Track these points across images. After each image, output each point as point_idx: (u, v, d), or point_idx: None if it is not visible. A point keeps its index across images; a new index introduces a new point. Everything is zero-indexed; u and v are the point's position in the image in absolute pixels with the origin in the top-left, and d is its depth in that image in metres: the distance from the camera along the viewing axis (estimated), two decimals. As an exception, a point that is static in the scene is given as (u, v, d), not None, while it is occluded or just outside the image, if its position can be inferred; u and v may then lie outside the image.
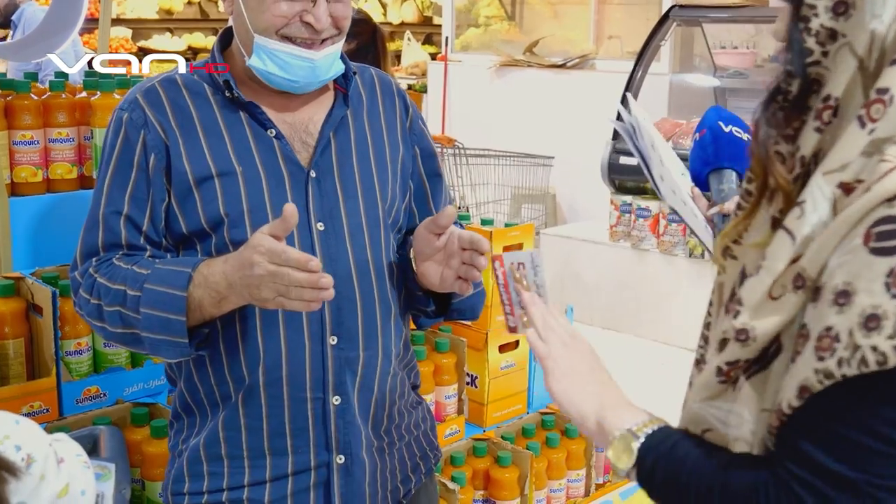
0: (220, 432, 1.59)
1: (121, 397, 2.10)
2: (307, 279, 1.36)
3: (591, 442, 2.58)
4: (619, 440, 1.11)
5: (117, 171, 1.57)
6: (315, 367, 1.57)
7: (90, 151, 2.37)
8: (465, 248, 1.55)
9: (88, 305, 1.55)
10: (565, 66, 6.99)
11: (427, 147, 1.80)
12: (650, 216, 5.40)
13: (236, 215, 1.54)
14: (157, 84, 1.60)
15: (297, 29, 1.53)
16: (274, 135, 1.59)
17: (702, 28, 6.03)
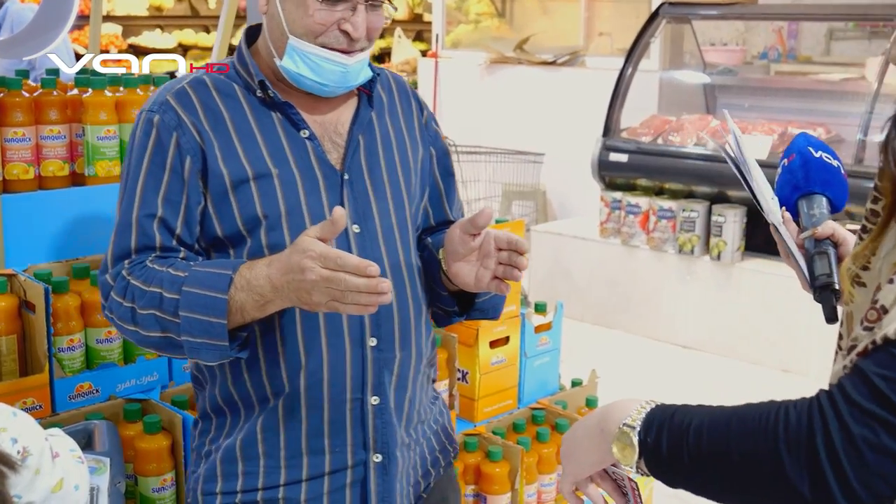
0: (257, 433, 1.60)
1: (113, 393, 2.10)
2: (366, 284, 1.35)
3: (581, 437, 2.60)
4: (619, 437, 1.10)
5: (149, 174, 1.55)
6: (355, 369, 1.58)
7: (82, 149, 2.37)
8: (501, 248, 1.56)
9: (121, 309, 1.52)
10: (555, 62, 7.01)
11: (441, 146, 1.82)
12: (640, 213, 5.42)
13: (274, 218, 1.54)
14: (187, 86, 1.59)
15: (334, 37, 1.54)
16: (307, 136, 1.60)
17: (691, 25, 6.06)
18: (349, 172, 1.61)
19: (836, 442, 0.93)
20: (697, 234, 5.23)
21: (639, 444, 1.07)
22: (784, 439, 0.96)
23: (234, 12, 2.65)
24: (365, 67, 1.62)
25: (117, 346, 2.12)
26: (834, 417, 0.94)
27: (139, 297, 1.49)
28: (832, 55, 7.21)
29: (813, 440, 0.94)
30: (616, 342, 5.44)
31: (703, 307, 5.25)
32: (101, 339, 2.09)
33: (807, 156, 1.59)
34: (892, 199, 1.05)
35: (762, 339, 5.01)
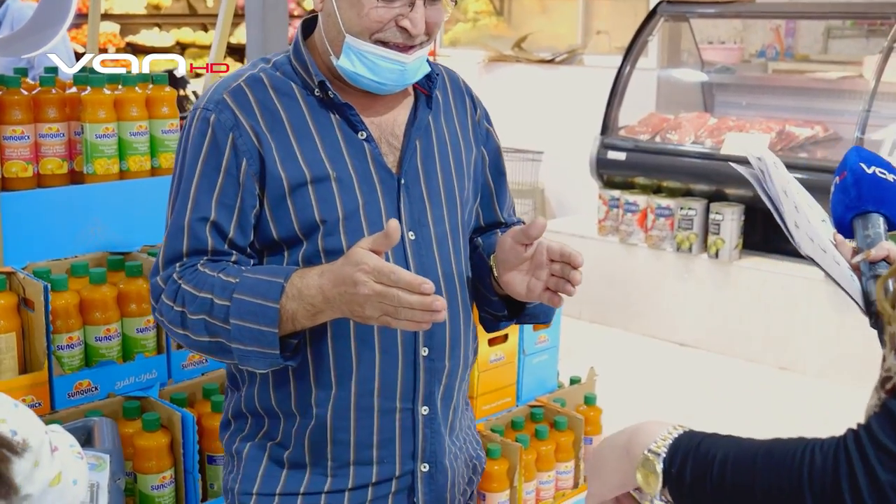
0: (304, 445, 1.57)
1: (112, 391, 2.10)
2: (420, 302, 1.32)
3: (579, 435, 2.60)
4: (643, 465, 1.07)
5: (203, 176, 1.50)
6: (406, 379, 1.56)
7: (80, 146, 2.37)
8: (554, 259, 1.52)
9: (171, 312, 1.48)
10: (554, 61, 7.01)
11: (493, 145, 1.77)
12: (638, 211, 5.43)
13: (332, 223, 1.51)
14: (244, 84, 1.54)
15: (391, 33, 1.49)
16: (364, 137, 1.55)
17: (689, 23, 6.06)
18: (405, 176, 1.57)
19: (862, 488, 0.90)
20: (695, 232, 5.23)
21: (662, 473, 1.05)
22: (809, 482, 0.93)
23: (232, 11, 2.65)
24: (423, 64, 1.57)
25: (116, 344, 2.12)
26: (860, 462, 0.90)
27: (190, 302, 1.46)
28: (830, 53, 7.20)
29: (838, 485, 0.91)
30: (614, 340, 5.44)
31: (701, 305, 5.25)
32: (100, 337, 2.09)
33: (859, 173, 1.51)
34: None
35: (760, 337, 5.02)
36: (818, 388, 4.67)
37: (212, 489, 2.11)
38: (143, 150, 2.44)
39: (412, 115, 1.61)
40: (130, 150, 2.41)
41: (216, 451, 2.09)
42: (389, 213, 1.53)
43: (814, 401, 4.51)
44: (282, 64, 1.58)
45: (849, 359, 4.60)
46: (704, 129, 5.42)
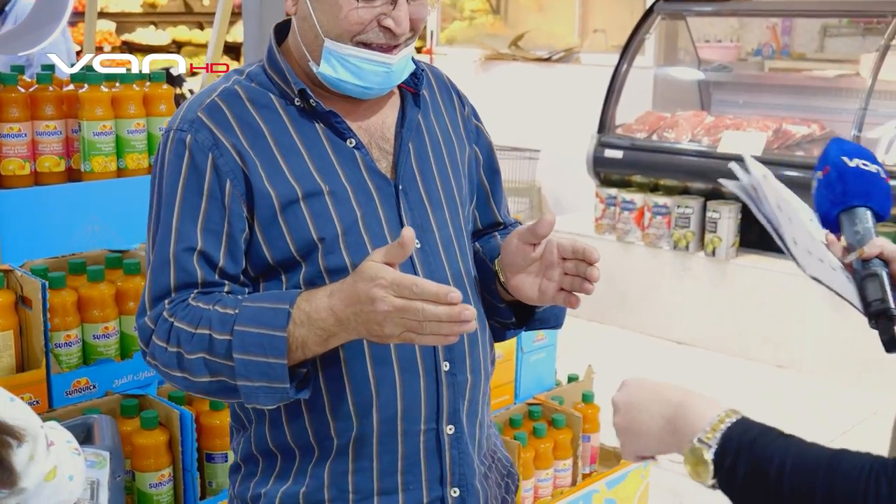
0: (324, 478, 1.45)
1: (110, 389, 2.10)
2: (447, 313, 1.21)
3: (577, 432, 2.60)
4: (690, 453, 1.03)
5: (185, 202, 1.38)
6: (430, 397, 1.45)
7: (78, 144, 2.36)
8: (566, 257, 1.43)
9: (165, 355, 1.37)
10: (550, 59, 7.01)
11: (485, 142, 1.68)
12: (635, 209, 5.43)
13: (331, 240, 1.40)
14: (218, 99, 1.42)
15: (374, 34, 1.39)
16: (353, 145, 1.45)
17: (686, 22, 6.06)
18: (402, 181, 1.47)
19: None
20: (692, 230, 5.23)
21: (713, 465, 1.02)
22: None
23: (229, 9, 2.64)
24: (409, 63, 1.48)
25: (114, 342, 2.12)
26: None
27: (185, 341, 1.34)
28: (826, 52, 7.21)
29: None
30: (611, 338, 5.45)
31: (698, 303, 5.26)
32: (98, 335, 2.09)
33: (842, 167, 1.46)
34: None
35: (756, 335, 5.02)
36: (815, 385, 4.68)
37: (210, 487, 2.10)
38: (140, 147, 2.43)
39: (401, 116, 1.52)
40: (128, 147, 2.41)
41: (214, 448, 2.09)
42: (391, 222, 1.44)
43: (811, 398, 4.52)
44: (256, 74, 1.48)
45: (845, 357, 4.61)
46: (701, 128, 5.43)
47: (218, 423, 2.09)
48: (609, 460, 2.80)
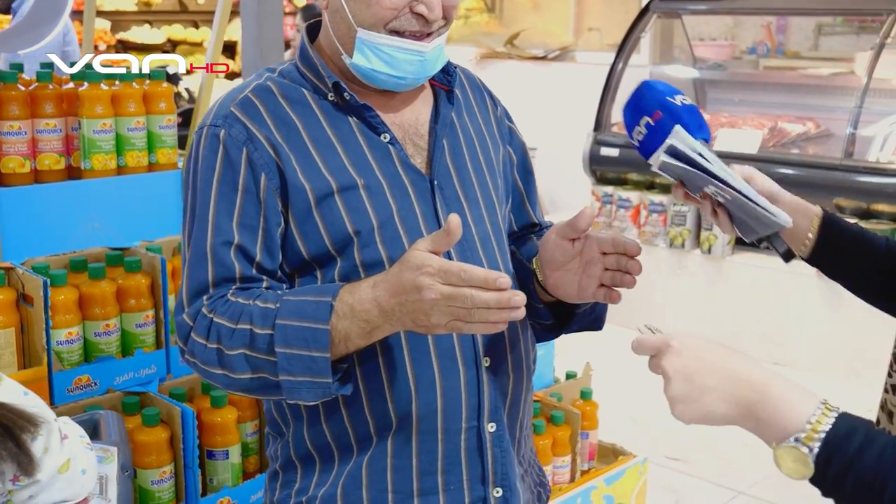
0: (362, 478, 1.42)
1: (111, 386, 2.10)
2: (496, 299, 1.19)
3: (576, 429, 2.61)
4: (788, 452, 0.98)
5: (220, 197, 1.38)
6: (470, 394, 1.42)
7: (78, 142, 2.37)
8: (606, 251, 1.40)
9: (205, 351, 1.35)
10: (546, 58, 7.02)
11: (520, 143, 1.67)
12: (631, 207, 5.44)
13: (366, 234, 1.38)
14: (251, 94, 1.42)
15: (406, 21, 1.38)
16: (388, 140, 1.44)
17: (681, 20, 6.07)
18: (437, 177, 1.45)
19: None
20: (688, 227, 5.25)
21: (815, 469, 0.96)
22: None
23: (228, 8, 2.64)
24: (442, 53, 1.45)
25: (115, 339, 2.12)
26: None
27: (226, 337, 1.33)
28: (820, 50, 7.23)
29: None
30: (608, 335, 5.43)
31: (694, 300, 5.27)
32: (99, 332, 2.09)
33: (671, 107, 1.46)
34: None
35: (752, 332, 5.04)
36: (810, 382, 4.64)
37: (211, 484, 2.11)
38: (140, 145, 2.44)
39: (434, 113, 1.51)
40: (128, 145, 2.42)
41: (215, 445, 2.10)
42: (427, 217, 1.42)
43: (806, 395, 4.53)
44: (289, 72, 1.48)
45: (840, 353, 4.63)
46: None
47: (219, 420, 2.10)
48: (607, 457, 2.81)
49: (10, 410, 1.17)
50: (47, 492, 1.24)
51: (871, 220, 4.55)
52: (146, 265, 2.16)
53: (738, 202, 1.43)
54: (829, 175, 4.80)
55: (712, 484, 3.73)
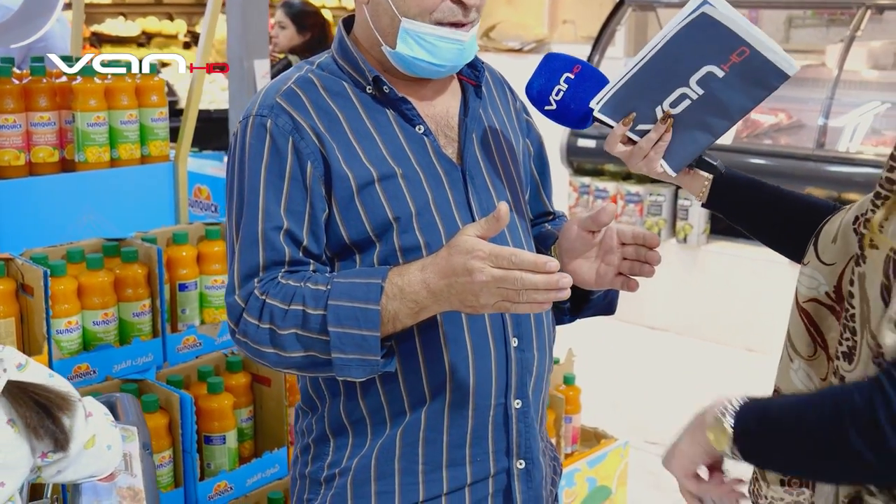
0: (395, 449, 1.50)
1: (110, 374, 2.15)
2: (545, 281, 1.26)
3: (560, 413, 2.68)
4: (714, 423, 1.18)
5: (269, 184, 1.44)
6: (500, 372, 1.49)
7: (71, 135, 2.41)
8: (626, 242, 1.50)
9: (257, 332, 1.41)
10: (522, 50, 7.08)
11: (536, 136, 1.75)
12: (608, 197, 5.52)
13: (405, 219, 1.45)
14: (294, 86, 1.49)
15: (448, 10, 1.45)
16: (422, 131, 1.51)
17: (656, 13, 6.16)
18: (468, 167, 1.53)
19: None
20: (664, 217, 5.33)
21: (732, 430, 1.16)
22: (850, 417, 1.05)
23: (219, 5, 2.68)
24: (475, 44, 1.53)
25: (113, 328, 2.17)
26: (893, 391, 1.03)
27: (278, 317, 1.39)
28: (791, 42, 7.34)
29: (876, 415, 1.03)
30: (587, 324, 5.49)
31: (670, 289, 5.36)
32: (98, 321, 2.14)
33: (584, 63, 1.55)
34: None
35: (727, 320, 5.13)
36: (784, 368, 4.78)
37: (209, 468, 2.16)
38: (133, 138, 2.48)
39: (463, 106, 1.58)
40: (121, 138, 2.46)
41: (213, 431, 2.15)
42: (459, 205, 1.49)
43: (780, 381, 4.62)
44: (327, 64, 1.55)
45: (813, 340, 4.72)
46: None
47: (216, 406, 2.15)
48: (590, 440, 2.88)
49: (46, 390, 1.23)
50: (74, 467, 1.29)
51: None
52: (142, 255, 2.21)
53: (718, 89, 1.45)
54: (801, 165, 4.90)
55: (690, 467, 3.81)
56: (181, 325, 2.32)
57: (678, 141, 1.51)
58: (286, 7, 4.64)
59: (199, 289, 2.34)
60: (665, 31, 1.42)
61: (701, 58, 1.42)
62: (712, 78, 1.43)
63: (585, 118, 1.55)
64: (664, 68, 1.45)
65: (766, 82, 1.44)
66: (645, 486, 3.62)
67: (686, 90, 1.46)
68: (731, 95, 1.46)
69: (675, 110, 1.48)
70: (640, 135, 1.52)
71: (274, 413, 2.28)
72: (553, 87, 1.55)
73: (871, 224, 1.14)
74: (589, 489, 2.78)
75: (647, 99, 1.49)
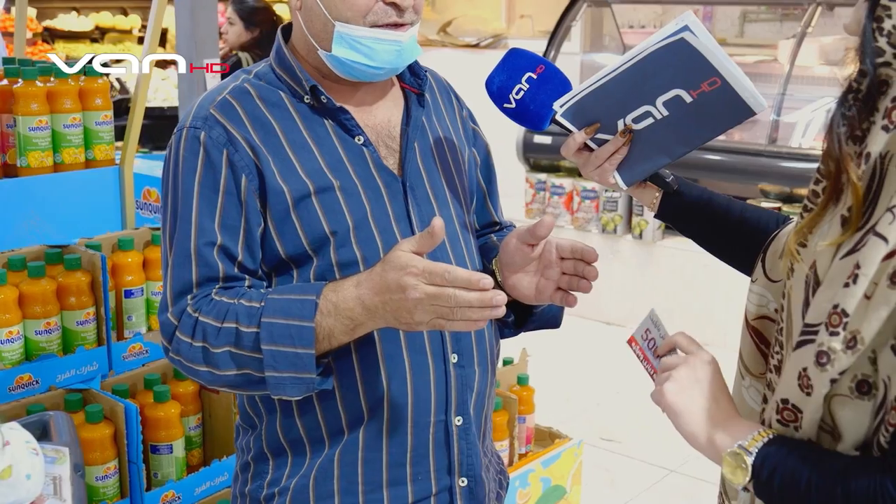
0: (334, 469, 1.47)
1: (54, 384, 2.11)
2: (479, 299, 1.24)
3: (513, 414, 2.68)
4: (732, 457, 1.11)
5: (202, 198, 1.40)
6: (439, 389, 1.47)
7: (13, 139, 2.36)
8: (565, 257, 1.46)
9: (190, 350, 1.38)
10: (479, 45, 7.07)
11: (483, 145, 1.71)
12: (564, 193, 5.54)
13: (342, 234, 1.42)
14: (229, 96, 1.45)
15: (382, 12, 1.42)
16: (362, 142, 1.47)
17: (611, 8, 6.17)
18: (409, 178, 1.49)
19: None
20: (620, 213, 5.36)
21: (751, 469, 1.10)
22: None
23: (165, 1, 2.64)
24: (416, 45, 1.48)
25: (56, 337, 2.13)
26: None
27: (211, 335, 1.36)
28: (746, 37, 7.40)
29: None
30: (543, 320, 5.53)
31: (626, 284, 5.39)
32: (40, 331, 2.10)
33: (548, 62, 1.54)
34: (834, 181, 1.10)
35: (683, 314, 5.17)
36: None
37: (155, 478, 2.13)
38: (77, 142, 2.44)
39: (405, 116, 1.55)
40: (64, 142, 2.41)
41: (159, 440, 2.12)
42: (399, 218, 1.47)
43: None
44: (264, 74, 1.51)
45: (767, 334, 4.77)
46: (627, 113, 5.55)
47: (162, 415, 2.12)
48: (544, 440, 2.89)
49: None
50: None
51: (795, 203, 4.70)
52: (86, 262, 2.17)
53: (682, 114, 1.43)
54: (753, 161, 4.94)
55: (645, 463, 3.85)
56: (128, 333, 2.29)
57: (635, 156, 1.50)
58: (235, 3, 4.58)
59: (145, 295, 2.31)
60: (641, 47, 1.40)
61: (672, 80, 1.40)
62: (680, 102, 1.41)
63: (543, 120, 1.53)
64: (634, 83, 1.43)
65: (732, 116, 1.43)
66: (601, 483, 3.64)
67: (651, 108, 1.44)
68: (694, 122, 1.44)
69: (636, 126, 1.46)
70: (597, 143, 1.50)
71: (223, 421, 2.26)
72: (514, 85, 1.53)
73: (795, 237, 1.14)
74: (543, 489, 2.78)
75: (610, 110, 1.47)
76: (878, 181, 1.04)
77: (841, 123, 1.08)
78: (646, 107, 1.44)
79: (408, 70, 1.57)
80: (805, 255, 1.13)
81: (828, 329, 1.03)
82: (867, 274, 1.00)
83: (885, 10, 1.03)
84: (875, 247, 1.01)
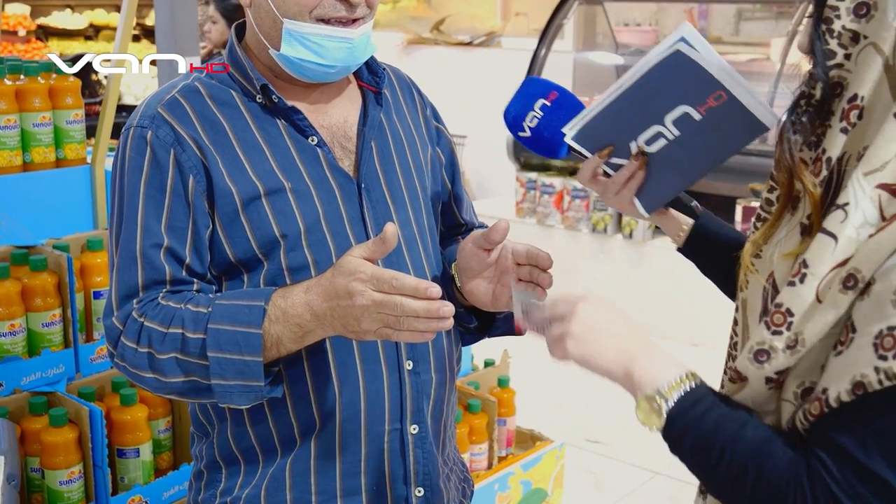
0: (286, 479, 1.43)
1: (18, 387, 2.08)
2: (425, 308, 1.20)
3: (493, 417, 2.65)
4: (647, 400, 1.07)
5: (148, 199, 1.36)
6: (393, 397, 1.43)
7: (-19, 138, 2.33)
8: (520, 263, 1.41)
9: (135, 356, 1.34)
10: (472, 43, 7.04)
11: (447, 143, 1.67)
12: (554, 192, 5.51)
13: (293, 237, 1.38)
14: (178, 95, 1.41)
15: (331, 7, 1.37)
16: (316, 143, 1.43)
17: (603, 6, 6.14)
18: (365, 180, 1.45)
19: None
20: (610, 213, 5.33)
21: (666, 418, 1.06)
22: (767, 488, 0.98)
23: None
24: (370, 42, 1.44)
25: (21, 340, 2.10)
26: None
27: (157, 341, 1.32)
28: (741, 35, 7.37)
29: None
30: (533, 320, 5.51)
31: (616, 284, 5.36)
32: (4, 333, 2.07)
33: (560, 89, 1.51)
34: (787, 189, 1.08)
35: (672, 314, 5.14)
36: (729, 363, 4.80)
37: (122, 482, 2.10)
38: (46, 141, 2.40)
39: (363, 115, 1.51)
40: (34, 141, 2.38)
41: (125, 444, 2.09)
42: (353, 221, 1.43)
43: (724, 376, 4.64)
44: (197, 69, 1.47)
45: (758, 334, 4.74)
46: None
47: (129, 418, 2.09)
48: (526, 443, 2.86)
49: None
50: None
51: (785, 203, 4.66)
52: (52, 263, 2.14)
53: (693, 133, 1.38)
54: (744, 160, 4.89)
55: (630, 465, 3.81)
56: (97, 334, 2.26)
57: (653, 181, 1.45)
58: (217, 1, 4.54)
59: (114, 296, 2.28)
60: (642, 64, 1.36)
61: (677, 97, 1.35)
62: (689, 120, 1.36)
63: (559, 147, 1.50)
64: (639, 102, 1.38)
65: (745, 132, 1.36)
66: (585, 485, 3.61)
67: (662, 129, 1.39)
68: (708, 141, 1.38)
69: (649, 148, 1.41)
70: (613, 168, 1.46)
71: (192, 423, 2.23)
72: (528, 113, 1.50)
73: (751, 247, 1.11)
74: (523, 492, 2.76)
75: (621, 132, 1.42)
76: (836, 183, 1.02)
77: (792, 131, 1.05)
78: (656, 127, 1.39)
79: (365, 68, 1.53)
80: (760, 265, 1.10)
81: (769, 328, 1.01)
82: (815, 274, 0.98)
83: (833, 11, 1.01)
84: (824, 245, 0.98)
